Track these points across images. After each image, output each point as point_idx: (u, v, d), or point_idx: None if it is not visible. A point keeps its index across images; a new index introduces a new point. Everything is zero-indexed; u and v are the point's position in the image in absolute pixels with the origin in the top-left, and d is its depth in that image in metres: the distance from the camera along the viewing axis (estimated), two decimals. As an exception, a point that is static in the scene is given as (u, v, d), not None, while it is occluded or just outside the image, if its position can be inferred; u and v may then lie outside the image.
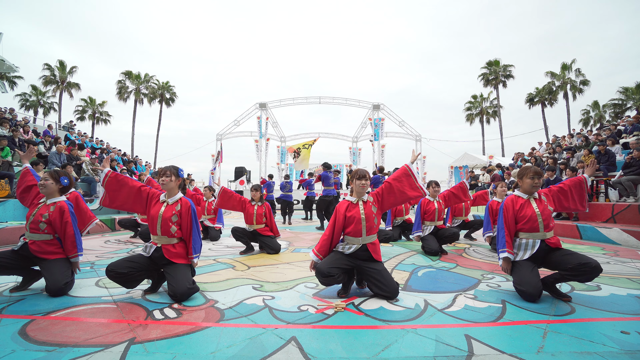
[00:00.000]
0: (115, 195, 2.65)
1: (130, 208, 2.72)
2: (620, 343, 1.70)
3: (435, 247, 4.35)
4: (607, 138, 9.47)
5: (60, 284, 2.47)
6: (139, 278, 2.55)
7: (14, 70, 16.25)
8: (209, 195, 6.15)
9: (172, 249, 2.57)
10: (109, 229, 7.22)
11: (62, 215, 2.61)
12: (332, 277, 2.46)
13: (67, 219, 2.61)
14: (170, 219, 2.56)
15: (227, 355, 1.58)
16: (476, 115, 31.47)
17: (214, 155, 19.70)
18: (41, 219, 2.58)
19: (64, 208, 2.63)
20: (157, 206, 2.60)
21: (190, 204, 2.63)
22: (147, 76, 30.88)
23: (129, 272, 2.44)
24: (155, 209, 2.59)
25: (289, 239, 6.08)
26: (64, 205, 2.64)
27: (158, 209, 2.58)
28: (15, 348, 1.63)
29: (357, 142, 25.02)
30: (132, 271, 2.46)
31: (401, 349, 1.64)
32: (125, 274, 2.43)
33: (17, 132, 9.12)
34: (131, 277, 2.47)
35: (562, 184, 2.71)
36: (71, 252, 2.64)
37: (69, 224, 2.62)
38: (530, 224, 2.51)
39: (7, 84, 25.05)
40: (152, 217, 2.58)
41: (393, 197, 2.66)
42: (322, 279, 2.48)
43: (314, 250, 2.67)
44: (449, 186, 16.40)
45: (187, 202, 2.63)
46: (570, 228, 6.42)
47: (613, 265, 3.72)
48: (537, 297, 2.34)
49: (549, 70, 28.00)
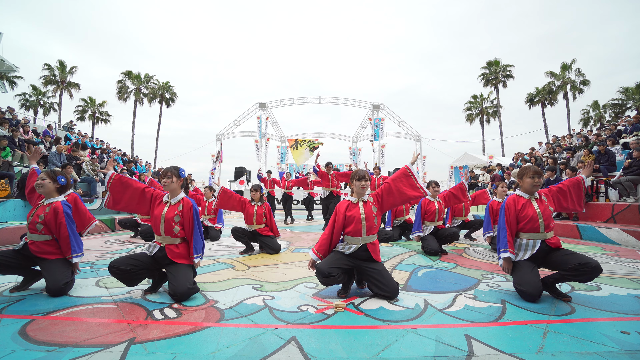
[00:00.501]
0: (120, 197, 2.69)
1: (135, 209, 2.76)
2: (620, 343, 1.70)
3: (435, 247, 4.35)
4: (607, 138, 9.47)
5: (60, 284, 2.47)
6: (141, 276, 2.57)
7: (14, 70, 16.24)
8: (209, 195, 6.15)
9: (175, 249, 2.59)
10: (109, 229, 7.23)
11: (56, 216, 2.60)
12: (333, 277, 2.46)
13: (61, 219, 2.59)
14: (172, 219, 2.58)
15: (227, 355, 1.58)
16: (476, 115, 31.46)
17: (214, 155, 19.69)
18: (38, 219, 2.58)
19: (58, 209, 2.61)
20: (161, 207, 2.63)
21: (192, 204, 2.64)
22: (147, 76, 30.88)
23: (131, 270, 2.46)
24: (158, 209, 2.62)
25: (289, 239, 6.08)
26: (58, 206, 2.62)
27: (161, 209, 2.61)
28: (15, 348, 1.63)
29: (357, 142, 25.03)
30: (134, 269, 2.48)
31: (401, 349, 1.64)
32: (128, 271, 2.45)
33: (17, 132, 9.12)
34: (133, 274, 2.49)
35: (562, 184, 2.71)
36: (67, 253, 2.63)
37: (63, 225, 2.59)
38: (531, 224, 2.51)
39: (7, 84, 25.07)
40: (156, 218, 2.60)
41: (393, 197, 2.67)
42: (322, 279, 2.48)
43: (314, 249, 2.67)
44: (449, 186, 16.41)
45: (189, 202, 2.65)
46: (570, 228, 6.42)
47: (613, 265, 3.72)
48: (537, 297, 2.34)
49: (549, 70, 28.03)
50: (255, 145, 21.27)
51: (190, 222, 2.62)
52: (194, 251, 2.63)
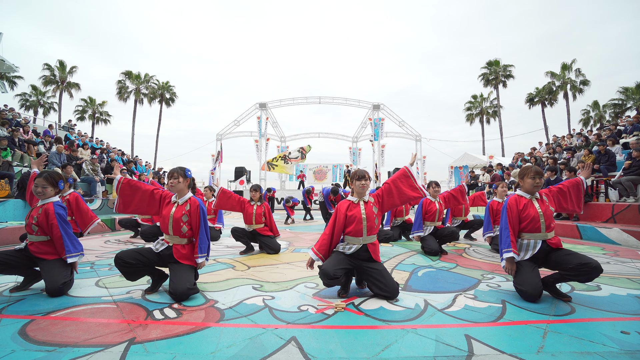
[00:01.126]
0: (130, 200, 2.72)
1: (145, 211, 2.81)
2: (620, 343, 1.70)
3: (435, 247, 4.35)
4: (607, 138, 9.47)
5: (58, 284, 2.46)
6: (143, 273, 2.59)
7: (14, 70, 16.22)
8: (209, 195, 6.16)
9: (181, 250, 2.61)
10: (109, 229, 7.23)
11: (47, 217, 2.56)
12: (337, 279, 2.44)
13: (52, 220, 2.55)
14: (180, 219, 2.60)
15: (227, 355, 1.58)
16: (476, 115, 31.46)
17: (214, 155, 19.71)
18: (32, 221, 2.58)
19: (49, 210, 2.57)
20: (169, 207, 2.66)
21: (199, 203, 2.66)
22: (147, 76, 30.88)
23: (136, 264, 2.48)
24: (167, 209, 2.65)
25: (289, 239, 6.08)
26: (49, 207, 2.58)
27: (169, 209, 2.63)
28: (15, 348, 1.63)
29: (357, 142, 25.04)
30: (139, 264, 2.50)
31: (401, 349, 1.64)
32: (133, 265, 2.47)
33: (17, 132, 9.12)
34: (137, 269, 2.51)
35: (562, 185, 2.71)
36: (62, 254, 2.59)
37: (54, 225, 2.55)
38: (532, 224, 2.51)
39: (7, 84, 25.06)
40: (164, 218, 2.63)
41: (393, 198, 2.68)
42: (327, 281, 2.45)
43: (314, 249, 2.67)
44: (449, 186, 16.42)
45: (196, 202, 2.66)
46: (570, 228, 6.42)
47: (613, 265, 3.72)
48: (538, 298, 2.34)
49: (549, 70, 28.04)
50: (255, 145, 21.28)
51: (197, 221, 2.63)
52: (199, 250, 2.62)
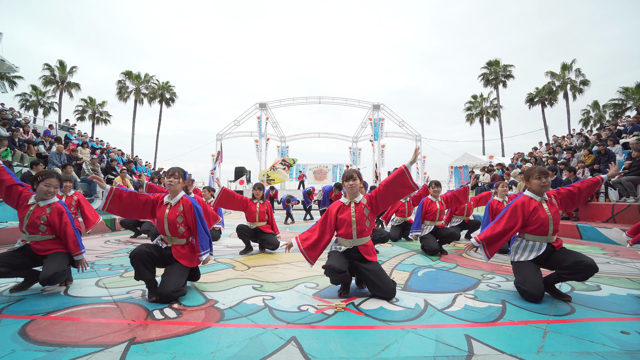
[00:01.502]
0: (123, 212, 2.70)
1: (140, 217, 2.82)
2: (620, 343, 1.70)
3: (435, 246, 4.35)
4: (607, 138, 9.47)
5: (50, 272, 2.41)
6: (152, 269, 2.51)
7: (14, 70, 16.24)
8: (208, 196, 6.16)
9: (181, 250, 2.61)
10: (109, 229, 7.23)
11: (60, 216, 2.65)
12: (344, 272, 2.44)
13: (66, 219, 2.66)
14: (176, 220, 2.59)
15: (227, 355, 1.58)
16: (476, 115, 31.46)
17: (214, 155, 19.71)
18: (39, 221, 2.59)
19: (61, 210, 2.67)
20: (162, 208, 2.64)
21: (191, 202, 2.65)
22: (147, 76, 30.88)
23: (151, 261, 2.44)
24: (160, 211, 2.64)
25: (289, 238, 6.07)
26: (61, 207, 2.68)
27: (163, 211, 2.62)
28: (15, 348, 1.63)
29: (357, 142, 25.02)
30: (152, 262, 2.45)
31: (401, 349, 1.64)
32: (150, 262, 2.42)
33: (17, 132, 9.12)
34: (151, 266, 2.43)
35: (573, 187, 2.67)
36: (74, 251, 2.68)
37: (68, 224, 2.65)
38: (541, 228, 2.49)
39: (7, 84, 25.06)
40: (159, 220, 2.62)
41: (385, 199, 2.61)
42: (335, 276, 2.44)
43: (298, 238, 2.69)
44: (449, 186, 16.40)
45: (188, 200, 2.65)
46: (570, 228, 6.42)
47: (613, 265, 3.72)
48: (540, 298, 2.34)
49: (549, 70, 28.03)
50: (255, 145, 21.25)
51: (193, 220, 2.63)
52: (200, 248, 2.62)
